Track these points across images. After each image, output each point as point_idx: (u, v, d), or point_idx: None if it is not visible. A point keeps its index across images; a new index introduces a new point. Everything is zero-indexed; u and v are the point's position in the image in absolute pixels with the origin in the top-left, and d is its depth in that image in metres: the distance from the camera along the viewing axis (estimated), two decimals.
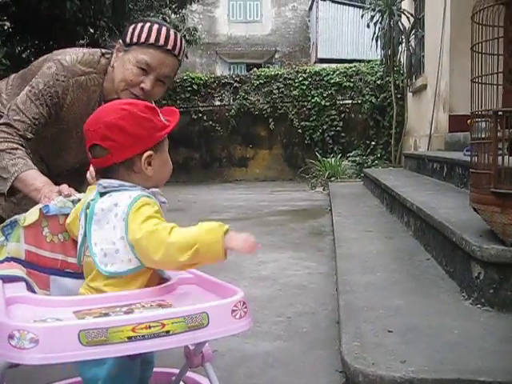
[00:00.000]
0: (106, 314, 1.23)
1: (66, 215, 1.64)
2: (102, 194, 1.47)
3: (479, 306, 2.45)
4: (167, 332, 1.17)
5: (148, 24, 2.01)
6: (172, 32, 2.02)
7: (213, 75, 14.60)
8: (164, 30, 2.00)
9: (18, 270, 1.48)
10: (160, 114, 1.52)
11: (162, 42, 1.98)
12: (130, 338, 1.14)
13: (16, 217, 1.59)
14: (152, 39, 1.98)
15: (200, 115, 13.32)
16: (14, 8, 9.33)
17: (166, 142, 1.55)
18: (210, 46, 22.01)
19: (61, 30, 9.37)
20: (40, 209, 1.61)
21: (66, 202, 1.66)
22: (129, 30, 2.04)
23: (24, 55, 10.72)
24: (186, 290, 1.52)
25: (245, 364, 2.34)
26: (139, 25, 2.02)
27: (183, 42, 2.07)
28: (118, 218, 1.40)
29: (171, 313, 1.22)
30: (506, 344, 2.04)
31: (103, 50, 2.17)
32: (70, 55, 2.09)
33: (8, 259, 1.54)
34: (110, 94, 2.11)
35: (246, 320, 1.29)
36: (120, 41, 2.06)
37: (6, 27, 10.12)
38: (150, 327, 1.15)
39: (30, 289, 1.44)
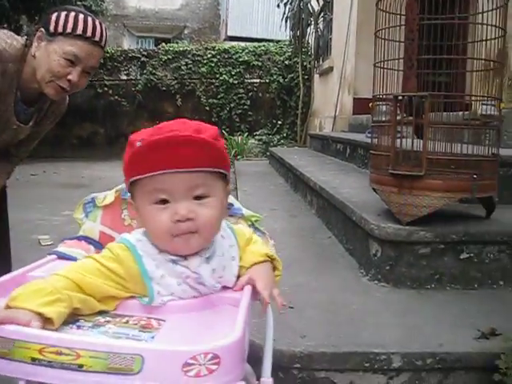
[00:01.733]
0: (76, 320, 1.06)
1: None
2: None
3: (376, 282, 2.56)
4: (80, 366, 0.91)
5: (73, 13, 1.94)
6: (98, 22, 1.97)
7: (120, 48, 14.24)
8: (90, 20, 1.94)
9: (79, 251, 1.39)
10: None
11: (89, 33, 1.92)
12: (33, 360, 0.92)
13: (95, 195, 1.51)
14: (79, 30, 1.91)
15: (105, 89, 12.97)
16: None
17: (139, 189, 1.18)
18: (117, 18, 21.37)
19: None
20: (116, 190, 1.49)
21: None
22: (52, 18, 1.94)
23: None
24: (220, 310, 1.20)
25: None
26: (63, 13, 1.94)
27: (107, 31, 2.03)
28: None
29: (90, 343, 0.94)
30: (400, 318, 2.15)
31: (25, 37, 2.06)
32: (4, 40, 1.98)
33: (80, 238, 1.46)
34: (28, 83, 2.02)
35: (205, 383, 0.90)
36: (42, 29, 1.96)
37: None
38: (60, 353, 0.91)
39: None
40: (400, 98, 2.49)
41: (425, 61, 2.67)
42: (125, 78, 13.17)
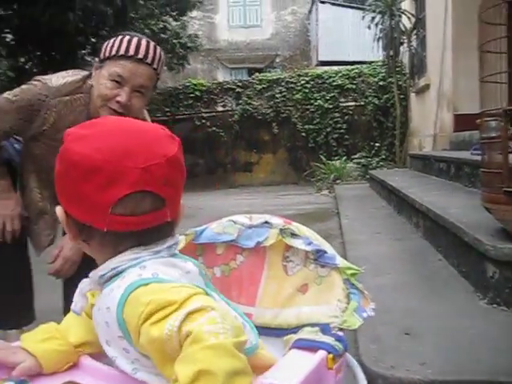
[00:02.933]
0: None
1: (228, 243, 1.33)
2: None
3: (495, 305, 2.44)
4: None
5: (120, 37, 1.99)
6: (144, 41, 1.98)
7: (215, 81, 14.64)
8: (135, 40, 1.97)
9: None
10: None
11: (131, 52, 1.94)
12: None
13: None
14: (122, 51, 1.95)
15: (203, 121, 13.33)
16: (17, 20, 9.36)
17: None
18: (210, 52, 22.00)
19: (62, 40, 9.40)
20: (187, 234, 1.33)
21: (227, 225, 1.34)
22: (103, 46, 2.02)
23: (27, 66, 10.75)
24: None
25: None
26: (112, 40, 2.00)
27: (158, 49, 2.02)
28: None
29: None
30: None
31: (90, 72, 2.14)
32: (57, 77, 2.09)
33: None
34: (94, 113, 2.07)
35: None
36: (96, 58, 2.07)
37: (8, 39, 10.15)
38: None
39: None
40: (510, 112, 2.39)
41: None
42: (221, 109, 13.48)
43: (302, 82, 13.11)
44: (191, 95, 13.42)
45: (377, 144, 12.52)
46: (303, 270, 1.30)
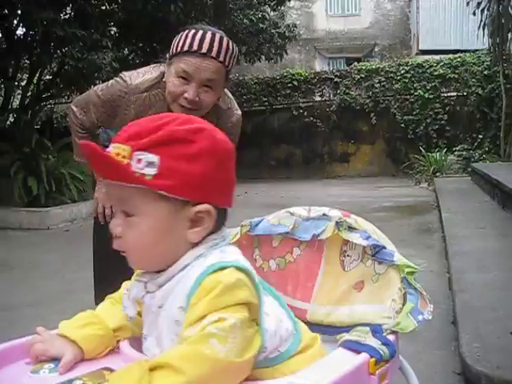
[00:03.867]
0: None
1: (284, 235, 1.31)
2: None
3: None
4: None
5: (185, 32, 1.97)
6: (209, 34, 1.93)
7: (313, 71, 14.59)
8: (199, 34, 1.94)
9: None
10: None
11: (195, 47, 1.92)
12: None
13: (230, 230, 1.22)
14: (186, 46, 1.93)
15: (301, 111, 13.33)
16: (120, 14, 9.72)
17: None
18: (308, 42, 21.92)
19: (164, 32, 9.67)
20: (243, 225, 1.32)
21: (284, 216, 1.33)
22: (172, 42, 2.02)
23: (130, 57, 11.15)
24: None
25: None
26: (179, 35, 2.00)
27: (225, 41, 1.96)
28: None
29: None
30: None
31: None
32: (137, 73, 2.14)
33: None
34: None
35: None
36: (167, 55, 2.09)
37: (112, 32, 10.56)
38: None
39: None
40: None
41: None
42: (319, 99, 13.43)
43: (402, 71, 12.83)
44: (289, 85, 13.46)
45: (480, 136, 12.06)
46: (360, 265, 1.26)
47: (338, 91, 13.18)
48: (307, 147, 13.44)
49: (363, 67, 13.29)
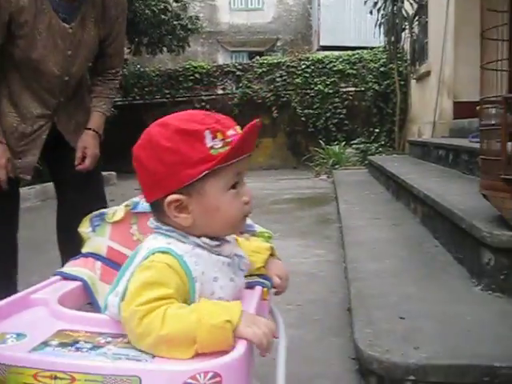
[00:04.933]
0: (76, 342, 1.00)
1: None
2: None
3: (490, 291, 2.46)
4: None
5: None
6: None
7: (215, 64, 14.58)
8: None
9: (84, 270, 1.35)
10: (209, 138, 1.06)
11: None
12: None
13: (105, 210, 1.45)
14: None
15: (203, 104, 13.29)
16: None
17: (216, 179, 1.09)
18: (211, 35, 21.90)
19: None
20: (126, 205, 1.43)
21: None
22: None
23: None
24: None
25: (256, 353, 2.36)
26: None
27: None
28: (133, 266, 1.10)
29: (85, 365, 0.90)
30: None
31: None
32: None
33: (87, 255, 1.41)
34: None
35: None
36: None
37: None
38: (55, 378, 0.89)
39: (88, 291, 1.31)
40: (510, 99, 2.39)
41: None
42: (221, 92, 13.45)
43: (303, 66, 13.08)
44: (191, 78, 13.38)
45: (376, 130, 12.52)
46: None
47: (240, 84, 13.25)
48: None
49: (265, 61, 13.43)
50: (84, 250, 1.43)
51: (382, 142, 12.07)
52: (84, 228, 1.44)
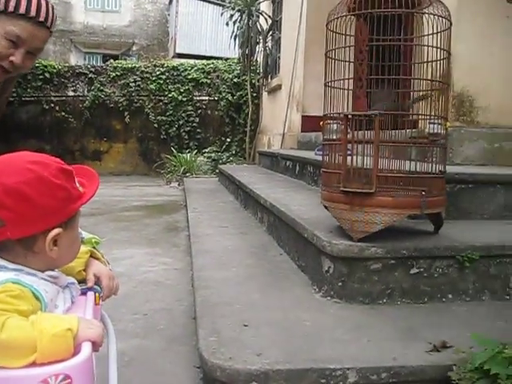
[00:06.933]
0: None
1: None
2: None
3: (329, 298, 2.58)
4: None
5: None
6: (43, 0, 1.82)
7: (67, 64, 14.03)
8: None
9: None
10: (75, 179, 1.21)
11: (33, 13, 1.79)
12: None
13: None
14: (22, 9, 1.78)
15: (52, 105, 12.74)
16: None
17: (78, 214, 1.23)
18: (64, 34, 21.13)
19: None
20: None
21: None
22: None
23: None
24: None
25: (99, 365, 2.29)
26: None
27: (54, 10, 1.88)
28: None
29: None
30: (354, 333, 2.18)
31: None
32: None
33: None
34: None
35: None
36: None
37: None
38: None
39: None
40: (350, 116, 2.54)
41: (371, 80, 2.73)
42: (72, 94, 12.97)
43: (158, 72, 12.98)
44: (40, 77, 12.75)
45: (228, 139, 12.72)
46: None
47: (93, 87, 12.87)
48: (58, 143, 12.88)
49: (119, 65, 13.17)
50: None
51: (234, 152, 12.29)
52: None
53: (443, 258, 2.57)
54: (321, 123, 2.81)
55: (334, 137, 2.70)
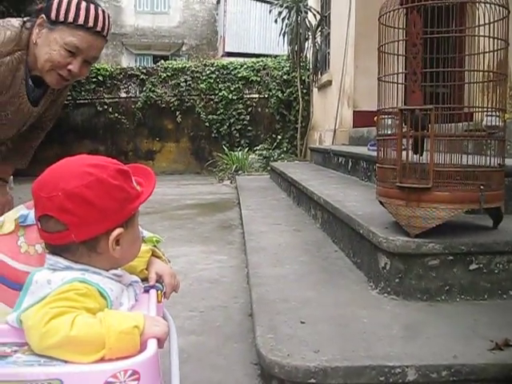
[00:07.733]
0: None
1: None
2: None
3: (386, 294, 2.55)
4: None
5: (75, 0, 1.86)
6: (100, 11, 1.90)
7: (119, 66, 14.30)
8: (92, 8, 1.87)
9: None
10: (132, 179, 1.24)
11: (91, 23, 1.86)
12: None
13: None
14: (81, 20, 1.85)
15: (105, 107, 13.02)
16: None
17: (137, 213, 1.26)
18: (115, 37, 21.51)
19: None
20: (15, 219, 1.39)
21: None
22: (53, 4, 1.87)
23: None
24: None
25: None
26: (65, 1, 1.86)
27: (110, 19, 1.96)
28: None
29: (1, 374, 0.90)
30: (412, 330, 2.15)
31: (24, 19, 1.98)
32: None
33: None
34: (32, 70, 2.00)
35: None
36: (43, 15, 1.90)
37: None
38: None
39: None
40: (405, 111, 2.50)
41: (425, 73, 2.68)
42: (124, 95, 13.22)
43: (208, 71, 13.09)
44: (94, 80, 13.04)
45: (279, 137, 12.73)
46: None
47: (144, 88, 13.08)
48: (112, 144, 13.16)
49: (170, 65, 13.34)
50: None
51: (285, 149, 12.29)
52: None
53: (503, 253, 2.50)
54: (375, 118, 2.78)
55: (389, 132, 2.67)
